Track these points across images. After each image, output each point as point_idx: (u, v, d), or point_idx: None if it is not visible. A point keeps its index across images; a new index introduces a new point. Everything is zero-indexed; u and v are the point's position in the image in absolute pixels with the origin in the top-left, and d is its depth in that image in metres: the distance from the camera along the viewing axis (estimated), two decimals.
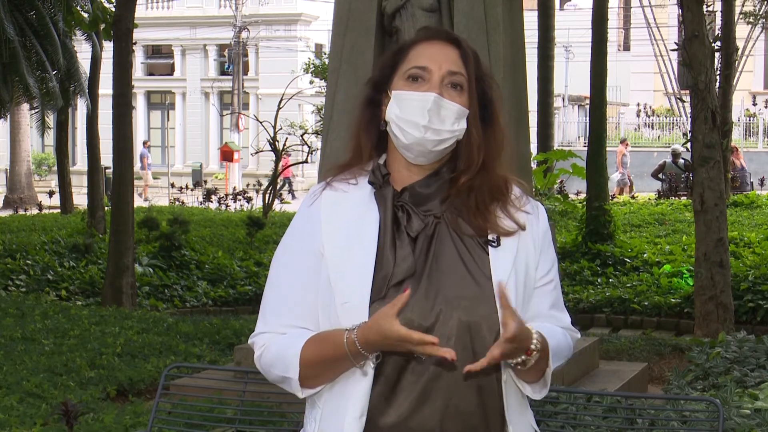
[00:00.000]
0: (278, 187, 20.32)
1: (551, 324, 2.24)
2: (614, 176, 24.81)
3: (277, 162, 18.52)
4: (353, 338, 2.05)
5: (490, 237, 2.18)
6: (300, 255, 2.20)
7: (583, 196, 17.66)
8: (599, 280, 11.88)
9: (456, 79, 2.18)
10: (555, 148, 18.77)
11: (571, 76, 34.36)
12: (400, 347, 2.03)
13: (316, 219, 2.19)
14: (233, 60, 37.31)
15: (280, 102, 18.54)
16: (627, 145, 28.29)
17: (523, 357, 2.09)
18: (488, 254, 2.17)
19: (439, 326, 2.10)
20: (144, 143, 34.44)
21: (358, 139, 2.27)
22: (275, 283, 2.23)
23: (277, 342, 2.18)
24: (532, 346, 2.09)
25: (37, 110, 17.66)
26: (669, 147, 26.59)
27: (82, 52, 20.03)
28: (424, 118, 2.15)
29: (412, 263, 2.13)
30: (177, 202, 24.24)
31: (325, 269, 2.15)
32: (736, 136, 29.69)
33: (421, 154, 2.18)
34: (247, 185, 27.98)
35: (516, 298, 2.15)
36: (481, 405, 2.13)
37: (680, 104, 27.32)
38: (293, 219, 2.28)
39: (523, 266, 2.19)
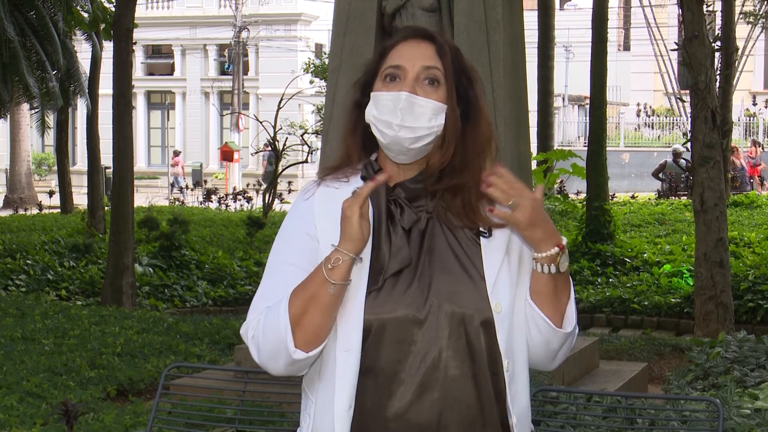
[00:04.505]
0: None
1: None
2: None
3: (277, 162, 18.51)
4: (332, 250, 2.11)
5: (482, 228, 2.20)
6: (295, 246, 2.22)
7: (583, 196, 17.66)
8: (599, 280, 11.88)
9: (431, 74, 2.19)
10: (555, 148, 18.77)
11: (571, 76, 34.35)
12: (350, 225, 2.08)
13: (310, 212, 2.22)
14: (233, 60, 37.31)
15: (280, 102, 18.52)
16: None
17: (555, 249, 2.13)
18: (480, 246, 2.19)
19: (432, 319, 2.13)
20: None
21: (346, 142, 2.30)
22: (270, 274, 2.24)
23: (266, 311, 2.17)
24: (564, 241, 2.14)
25: (37, 110, 17.67)
26: (669, 147, 26.55)
27: (82, 52, 20.04)
28: (396, 117, 2.16)
29: (408, 253, 2.16)
30: (177, 202, 24.24)
31: (320, 259, 2.16)
32: (736, 136, 29.67)
33: (400, 152, 2.19)
34: (247, 185, 27.97)
35: (511, 283, 2.18)
36: (478, 396, 2.14)
37: (680, 104, 27.31)
38: (286, 217, 2.30)
39: (517, 250, 2.21)
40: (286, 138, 19.32)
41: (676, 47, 10.09)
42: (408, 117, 2.16)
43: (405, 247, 2.17)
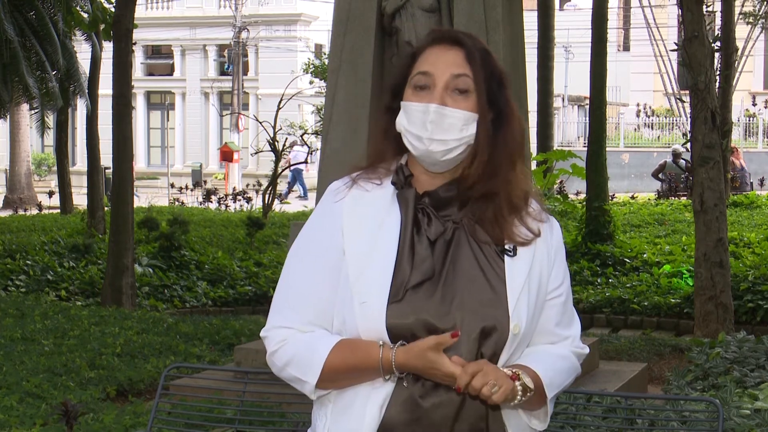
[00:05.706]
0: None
1: (550, 347, 2.25)
2: None
3: (276, 162, 18.53)
4: (390, 357, 2.07)
5: (506, 246, 2.19)
6: (320, 250, 2.20)
7: (582, 196, 17.65)
8: (599, 281, 11.88)
9: (461, 82, 2.16)
10: (555, 148, 18.79)
11: (571, 76, 34.35)
12: (433, 377, 2.07)
13: (338, 215, 2.19)
14: (233, 60, 37.31)
15: (279, 102, 18.53)
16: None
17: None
18: (504, 263, 2.18)
19: (453, 330, 2.12)
20: None
21: (378, 146, 2.27)
22: (294, 277, 2.22)
23: (298, 341, 2.17)
24: (516, 400, 2.10)
25: (36, 110, 17.67)
26: (669, 147, 26.53)
27: (82, 52, 20.04)
28: (425, 130, 2.14)
29: (431, 266, 2.14)
30: (177, 203, 24.24)
31: (345, 267, 2.15)
32: (736, 136, 29.65)
33: (433, 164, 2.18)
34: (247, 185, 27.96)
35: (529, 307, 2.16)
36: (490, 410, 2.16)
37: (680, 104, 27.30)
38: (314, 213, 2.27)
39: (537, 276, 2.20)
40: (286, 138, 19.32)
41: (675, 47, 10.09)
42: (437, 130, 2.13)
43: (429, 258, 2.14)
